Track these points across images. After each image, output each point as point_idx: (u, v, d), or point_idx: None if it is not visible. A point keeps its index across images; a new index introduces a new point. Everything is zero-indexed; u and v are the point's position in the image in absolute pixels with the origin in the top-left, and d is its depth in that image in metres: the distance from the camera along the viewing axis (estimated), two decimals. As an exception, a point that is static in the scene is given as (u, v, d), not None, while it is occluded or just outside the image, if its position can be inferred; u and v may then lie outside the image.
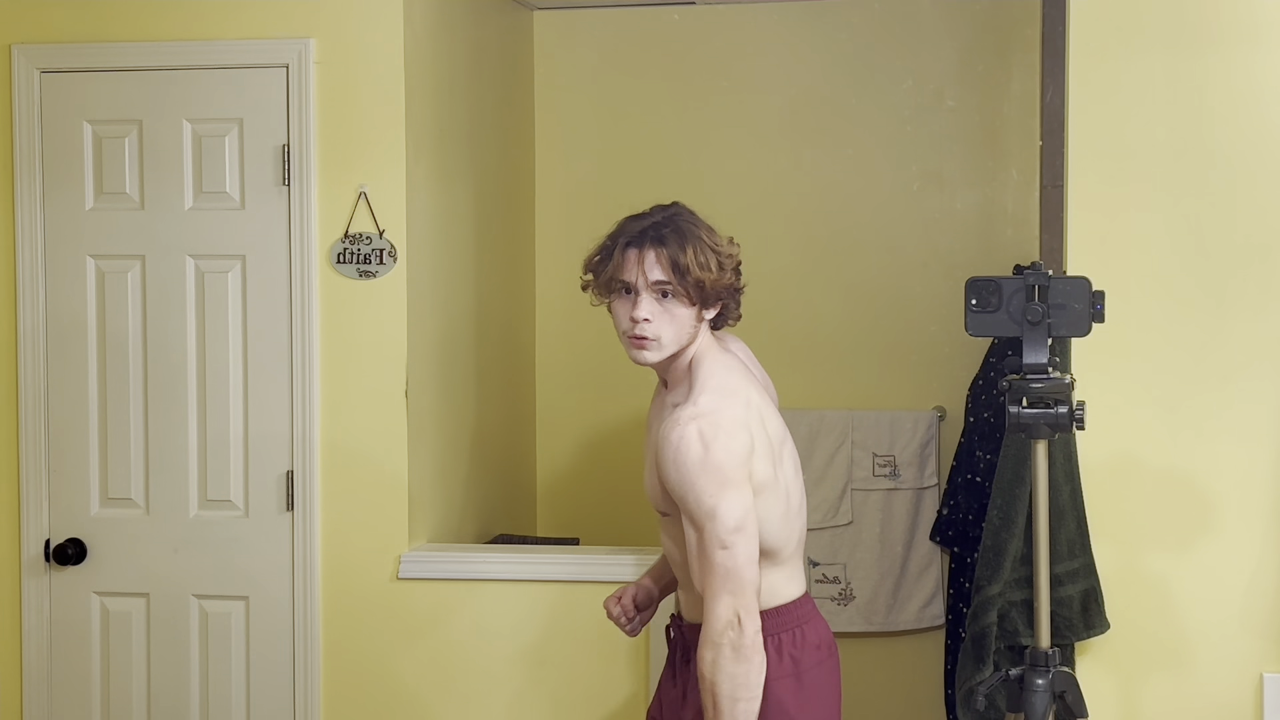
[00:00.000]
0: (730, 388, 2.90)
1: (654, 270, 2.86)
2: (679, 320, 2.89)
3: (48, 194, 3.96)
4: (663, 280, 2.86)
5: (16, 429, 3.99)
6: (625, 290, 2.90)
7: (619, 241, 2.91)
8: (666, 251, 2.86)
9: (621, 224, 2.95)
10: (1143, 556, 3.58)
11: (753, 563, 2.81)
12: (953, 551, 4.70)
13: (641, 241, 2.88)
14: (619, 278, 2.89)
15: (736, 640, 2.77)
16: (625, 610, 3.24)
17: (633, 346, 2.90)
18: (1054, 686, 3.10)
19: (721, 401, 2.86)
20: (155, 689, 3.99)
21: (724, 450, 2.80)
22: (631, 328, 2.88)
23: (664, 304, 2.88)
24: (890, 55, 4.86)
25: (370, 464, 3.89)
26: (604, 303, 2.98)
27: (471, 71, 4.41)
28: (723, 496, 2.78)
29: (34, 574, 4.00)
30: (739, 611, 2.78)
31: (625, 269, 2.88)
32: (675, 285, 2.86)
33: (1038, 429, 3.05)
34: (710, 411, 2.83)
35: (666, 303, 2.88)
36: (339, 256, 3.87)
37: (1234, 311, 3.53)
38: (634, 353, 2.91)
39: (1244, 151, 3.52)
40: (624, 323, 2.90)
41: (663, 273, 2.86)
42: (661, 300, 2.88)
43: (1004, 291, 3.07)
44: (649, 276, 2.86)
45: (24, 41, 3.95)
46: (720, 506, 2.78)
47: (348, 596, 3.91)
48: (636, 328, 2.88)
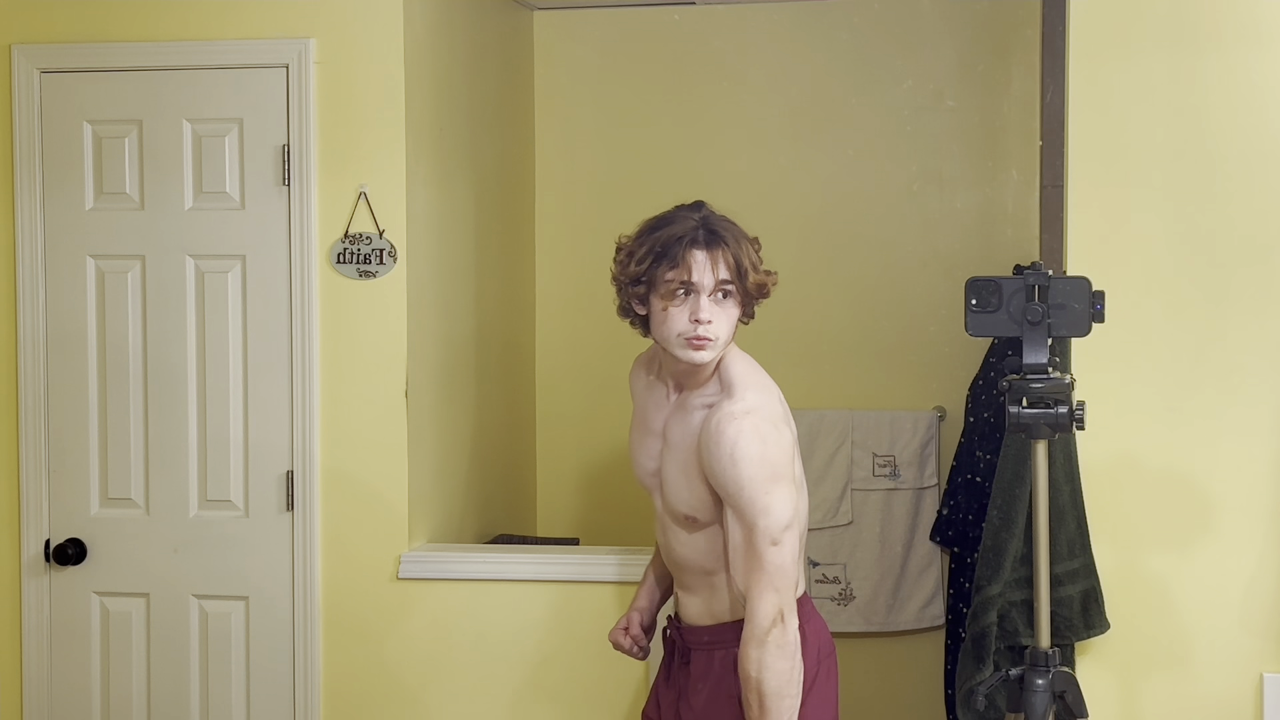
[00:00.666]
0: (767, 384, 2.94)
1: (719, 270, 2.86)
2: (732, 320, 2.92)
3: (48, 194, 3.96)
4: (726, 280, 2.87)
5: (16, 429, 3.99)
6: (685, 292, 2.87)
7: (679, 242, 2.86)
8: (731, 251, 2.87)
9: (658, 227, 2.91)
10: (1143, 556, 3.58)
11: (796, 561, 2.85)
12: (953, 551, 4.70)
13: (707, 242, 2.87)
14: (683, 279, 2.86)
15: (780, 638, 2.79)
16: (636, 639, 3.26)
17: (690, 347, 2.88)
18: (1054, 686, 3.10)
19: (765, 398, 2.90)
20: (155, 689, 3.99)
21: (777, 446, 2.83)
22: (693, 329, 2.87)
23: (722, 304, 2.89)
24: (890, 55, 4.86)
25: (370, 464, 3.89)
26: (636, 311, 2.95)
27: (471, 71, 4.41)
28: (776, 493, 2.80)
29: (34, 574, 4.00)
30: (783, 609, 2.80)
31: (690, 269, 2.85)
32: (736, 285, 2.88)
33: (1038, 429, 3.05)
34: (759, 407, 2.85)
35: (725, 303, 2.89)
36: (339, 256, 3.87)
37: (1234, 311, 3.53)
38: (691, 354, 2.88)
39: (1244, 152, 3.52)
40: (681, 324, 2.87)
41: (727, 272, 2.87)
42: (720, 301, 2.89)
43: (1004, 291, 3.07)
44: (716, 276, 2.86)
45: (24, 41, 3.95)
46: (774, 503, 2.80)
47: (348, 596, 3.91)
48: (699, 328, 2.86)
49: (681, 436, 2.95)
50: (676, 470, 2.96)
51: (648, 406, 3.09)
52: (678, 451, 2.95)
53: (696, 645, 3.02)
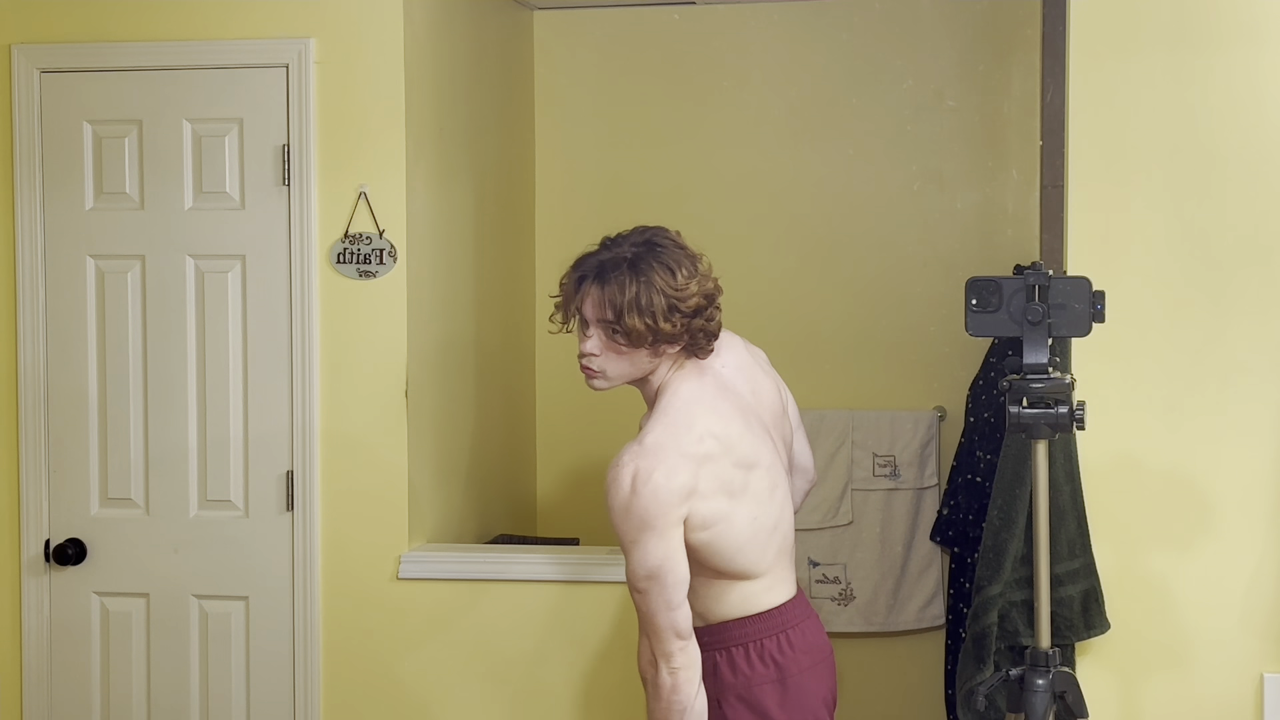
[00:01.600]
0: (684, 422, 2.85)
1: (595, 308, 2.86)
2: (627, 356, 2.87)
3: (48, 194, 3.96)
4: (606, 319, 2.85)
5: (16, 429, 3.99)
6: (581, 321, 2.90)
7: (576, 272, 2.89)
8: (606, 292, 2.82)
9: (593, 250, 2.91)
10: (1143, 557, 3.58)
11: (670, 608, 2.80)
12: (953, 552, 4.70)
13: (590, 277, 2.85)
14: (574, 307, 2.91)
15: (653, 679, 2.87)
16: None
17: (585, 374, 2.94)
18: (1054, 687, 3.10)
19: (669, 438, 2.82)
20: (155, 689, 3.99)
21: (651, 495, 2.76)
22: (580, 358, 2.92)
23: (612, 338, 2.86)
24: (890, 55, 4.86)
25: (370, 464, 3.89)
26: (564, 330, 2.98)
27: (471, 71, 4.40)
28: (639, 542, 2.79)
29: (34, 574, 4.00)
30: (655, 653, 2.86)
31: (578, 300, 2.89)
32: (615, 326, 2.84)
33: (1038, 429, 3.05)
34: (653, 450, 2.80)
35: (614, 339, 2.86)
36: (339, 256, 3.87)
37: (1234, 311, 3.53)
38: (586, 380, 2.95)
39: (1244, 151, 3.52)
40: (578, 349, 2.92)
41: (601, 312, 2.85)
42: (611, 335, 2.85)
43: (1004, 291, 3.07)
44: (593, 314, 2.87)
45: (24, 41, 3.95)
46: (634, 553, 2.80)
47: (348, 596, 3.91)
48: (583, 359, 2.91)
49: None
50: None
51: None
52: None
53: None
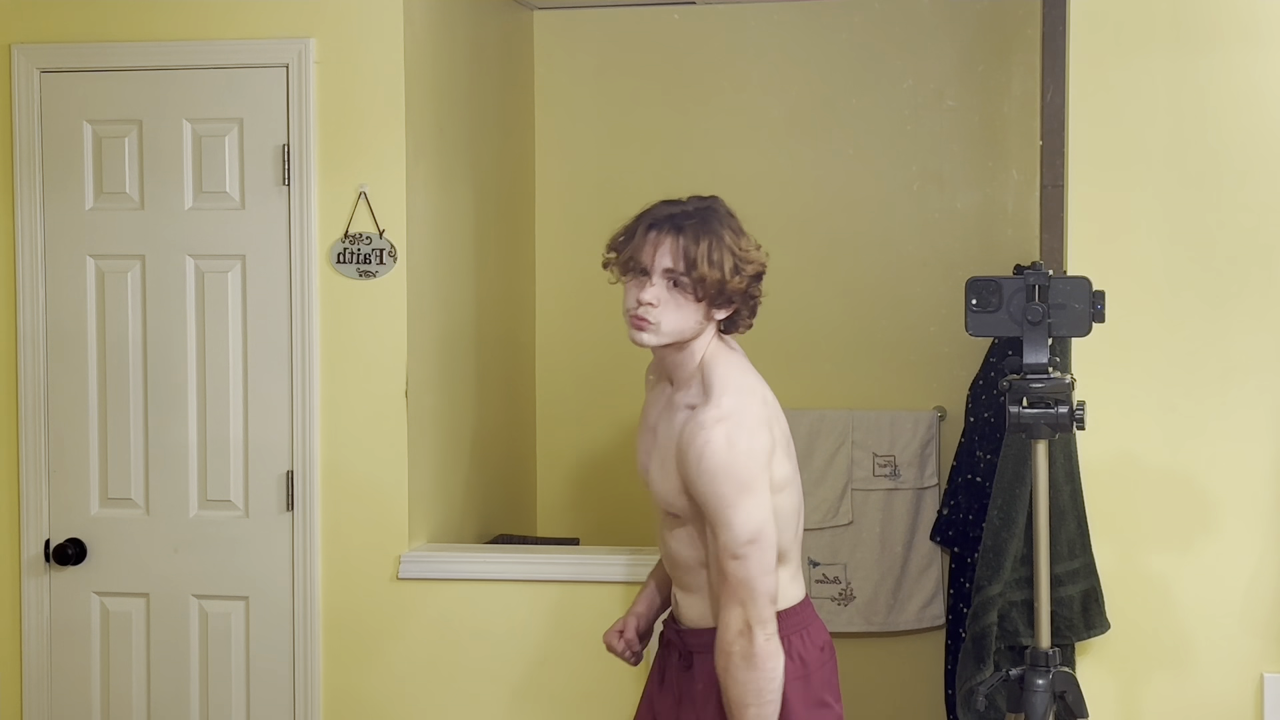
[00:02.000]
0: (748, 386, 2.92)
1: (665, 257, 2.87)
2: (684, 312, 2.89)
3: (48, 194, 3.96)
4: (671, 269, 2.87)
5: (16, 429, 3.99)
6: (640, 272, 2.90)
7: (642, 223, 2.92)
8: (681, 241, 2.86)
9: (653, 206, 2.97)
10: (1143, 556, 3.58)
11: (767, 572, 2.81)
12: (953, 551, 4.70)
13: (662, 226, 2.89)
14: (635, 258, 2.90)
15: (746, 649, 2.78)
16: (630, 644, 3.24)
17: (632, 326, 2.91)
18: (1054, 686, 3.10)
19: (743, 401, 2.87)
20: (155, 689, 3.99)
21: (747, 454, 2.80)
22: (635, 308, 2.89)
23: (672, 293, 2.88)
24: (890, 55, 4.86)
25: (370, 464, 3.89)
26: (620, 281, 2.99)
27: (471, 71, 4.41)
28: (740, 506, 2.78)
29: (34, 574, 4.00)
30: (749, 620, 2.79)
31: (642, 250, 2.89)
32: (686, 278, 2.86)
33: (1038, 429, 3.05)
34: (734, 413, 2.83)
35: (675, 292, 2.88)
36: (339, 256, 3.87)
37: (1234, 311, 3.53)
38: (632, 333, 2.92)
39: (1244, 152, 3.52)
40: (629, 302, 2.91)
41: (673, 261, 2.87)
42: (670, 289, 2.88)
43: (1004, 291, 3.07)
44: (660, 263, 2.87)
45: (24, 41, 3.95)
46: (736, 518, 2.78)
47: (348, 596, 3.91)
48: (640, 308, 2.89)
49: (666, 434, 2.96)
50: (659, 466, 2.97)
51: (649, 402, 3.11)
52: (662, 448, 2.96)
53: (699, 649, 3.01)
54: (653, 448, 3.02)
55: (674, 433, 2.92)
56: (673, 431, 2.93)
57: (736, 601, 2.80)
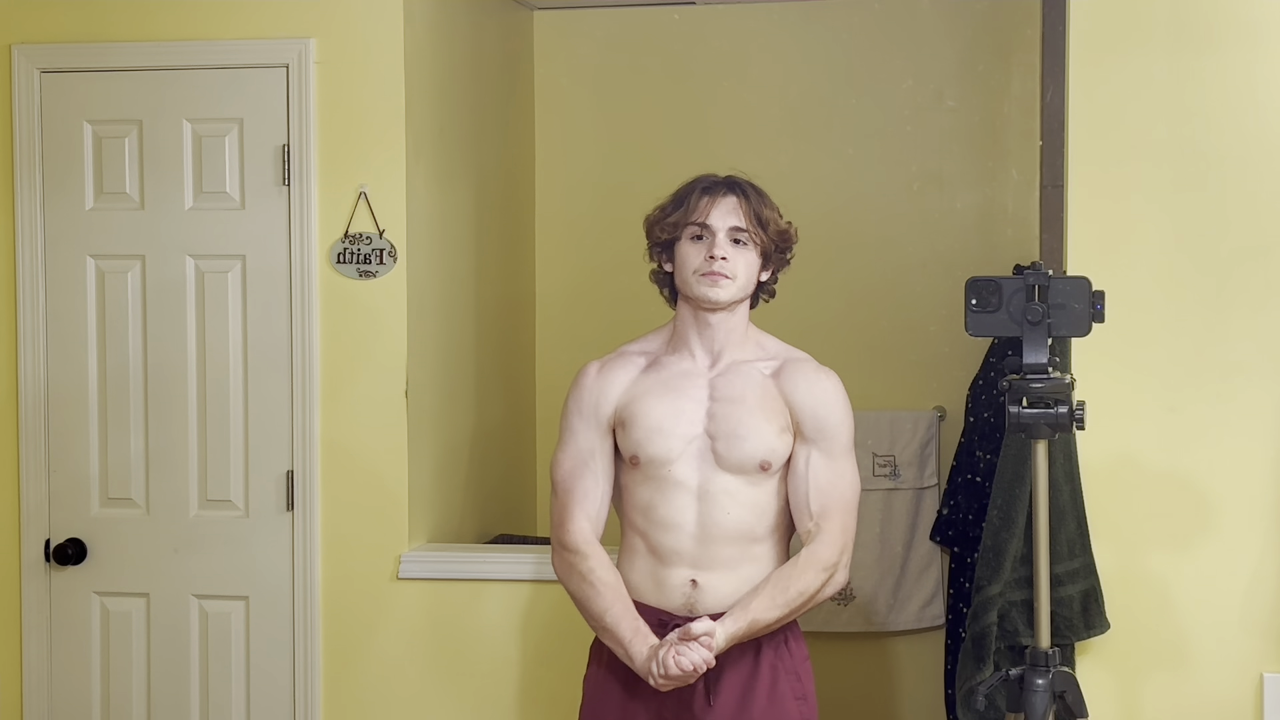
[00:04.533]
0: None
1: (730, 216, 2.98)
2: (751, 268, 3.00)
3: (48, 194, 3.96)
4: (739, 227, 2.97)
5: (16, 429, 3.99)
6: (697, 236, 2.98)
7: (694, 189, 3.01)
8: (748, 201, 2.98)
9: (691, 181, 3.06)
10: (1143, 556, 3.58)
11: None
12: (953, 551, 4.70)
13: (717, 190, 2.99)
14: (695, 221, 2.97)
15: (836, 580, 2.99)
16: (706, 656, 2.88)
17: (704, 284, 2.96)
18: (1054, 686, 3.10)
19: None
20: (155, 689, 3.99)
21: None
22: (708, 264, 2.95)
23: (739, 250, 2.99)
24: (890, 55, 4.86)
25: (370, 464, 3.89)
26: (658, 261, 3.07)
27: (471, 71, 4.41)
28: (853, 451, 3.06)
29: (34, 574, 4.00)
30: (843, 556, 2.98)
31: (704, 212, 2.97)
32: (752, 233, 2.97)
33: (1038, 429, 3.04)
34: None
35: (741, 249, 2.98)
36: (339, 256, 3.87)
37: (1234, 311, 3.53)
38: (707, 290, 2.96)
39: (1244, 152, 3.52)
40: (696, 261, 2.98)
41: (740, 219, 2.97)
42: (736, 246, 2.98)
43: (1004, 291, 3.07)
44: (726, 221, 2.97)
45: (24, 41, 3.95)
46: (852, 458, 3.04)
47: (348, 596, 3.91)
48: (714, 264, 2.95)
49: (743, 390, 3.01)
50: (744, 419, 2.98)
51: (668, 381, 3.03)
52: (742, 403, 2.99)
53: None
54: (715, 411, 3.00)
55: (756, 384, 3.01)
56: (753, 384, 3.01)
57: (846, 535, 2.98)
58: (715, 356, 3.04)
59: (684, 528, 2.99)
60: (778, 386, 3.02)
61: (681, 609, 3.01)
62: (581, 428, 3.08)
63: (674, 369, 3.05)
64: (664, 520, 3.01)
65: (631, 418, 3.02)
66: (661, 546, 3.02)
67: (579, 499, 3.05)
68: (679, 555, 3.01)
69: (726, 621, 2.90)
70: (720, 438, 2.98)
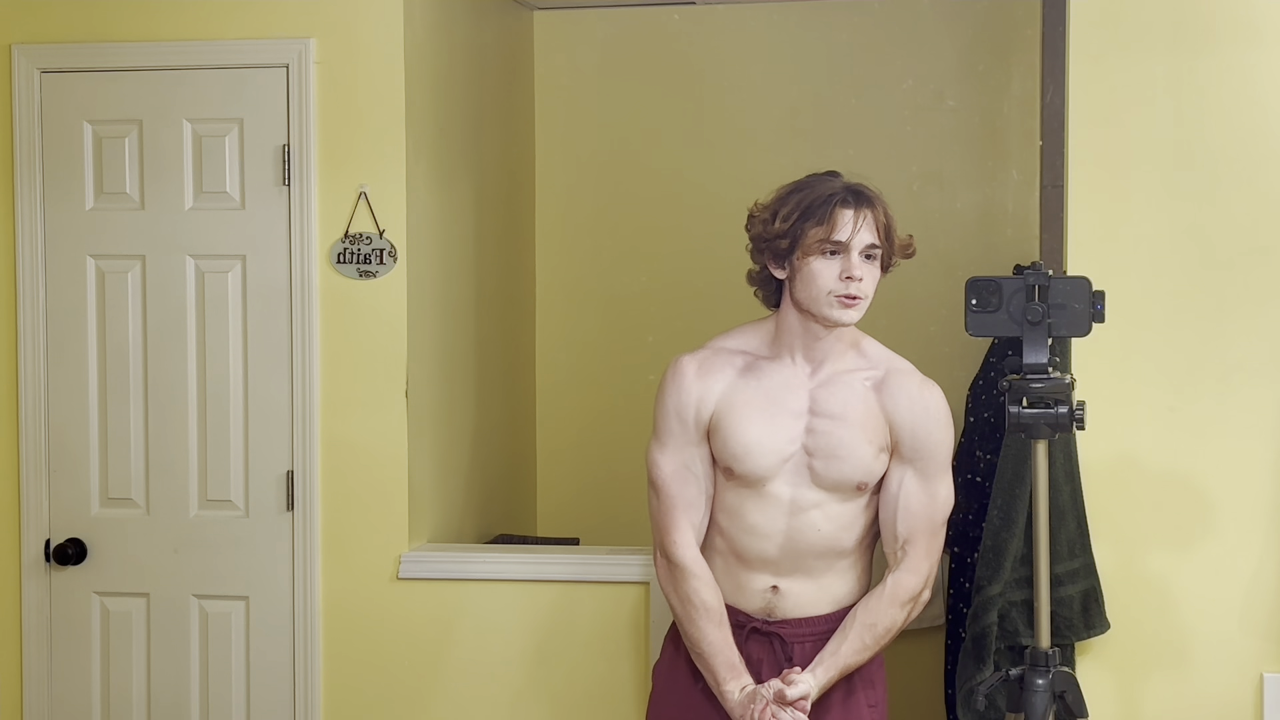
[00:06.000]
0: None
1: (867, 233, 2.85)
2: (875, 282, 2.91)
3: (48, 194, 3.96)
4: (873, 244, 2.86)
5: (16, 429, 3.99)
6: (832, 252, 2.85)
7: (827, 199, 2.84)
8: (880, 214, 2.86)
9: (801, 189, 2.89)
10: (1143, 556, 3.58)
11: None
12: (953, 551, 4.69)
13: (852, 202, 2.84)
14: (833, 238, 2.83)
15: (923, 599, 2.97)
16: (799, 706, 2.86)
17: (839, 306, 2.85)
18: (1054, 686, 3.10)
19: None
20: (155, 689, 3.99)
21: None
22: (844, 286, 2.84)
23: (869, 265, 2.88)
24: (890, 55, 4.86)
25: (370, 464, 3.89)
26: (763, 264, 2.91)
27: (471, 71, 4.40)
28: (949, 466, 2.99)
29: (34, 574, 4.00)
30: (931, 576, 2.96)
31: (840, 229, 2.83)
32: (883, 248, 2.87)
33: (1038, 429, 3.04)
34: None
35: (870, 265, 2.88)
36: (339, 256, 3.87)
37: (1234, 311, 3.53)
38: (840, 313, 2.86)
39: (1244, 152, 3.52)
40: (831, 282, 2.84)
41: (874, 235, 2.86)
42: (867, 263, 2.87)
43: (1004, 291, 3.07)
44: (862, 239, 2.84)
45: (24, 41, 3.95)
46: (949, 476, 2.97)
47: (348, 596, 3.91)
48: (851, 286, 2.84)
49: (845, 406, 2.91)
50: (845, 440, 2.90)
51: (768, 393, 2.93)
52: (843, 421, 2.91)
53: (807, 638, 2.96)
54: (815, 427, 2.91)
55: (858, 400, 2.93)
56: (854, 400, 2.92)
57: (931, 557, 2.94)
58: (818, 364, 2.95)
59: (772, 538, 2.95)
60: (879, 401, 2.94)
61: (760, 612, 3.00)
62: (681, 430, 2.95)
63: (775, 378, 2.95)
64: (752, 528, 2.95)
65: (729, 428, 2.92)
66: (746, 551, 2.97)
67: (684, 508, 2.95)
68: (763, 562, 2.97)
69: (818, 672, 2.88)
70: (819, 455, 2.91)
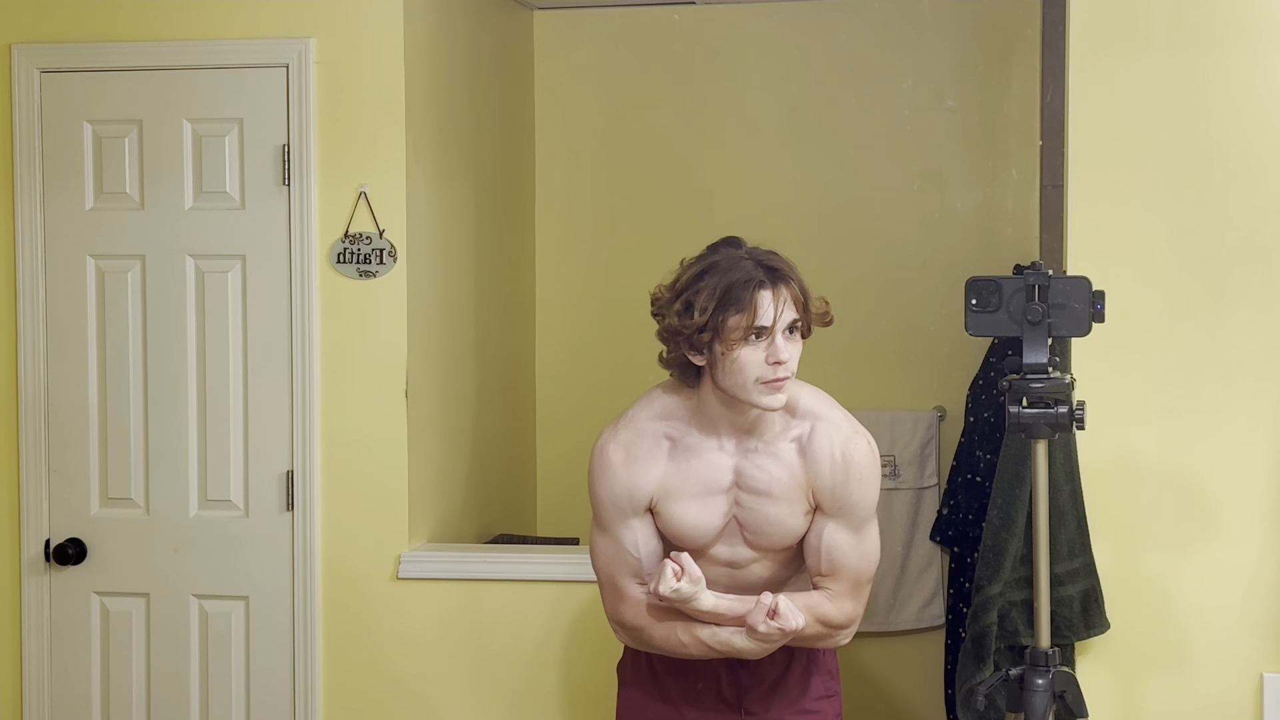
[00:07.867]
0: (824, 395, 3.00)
1: (788, 310, 2.78)
2: (798, 355, 2.84)
3: (48, 194, 3.96)
4: (794, 320, 2.79)
5: (16, 429, 3.99)
6: (756, 336, 2.76)
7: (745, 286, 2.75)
8: (796, 288, 2.79)
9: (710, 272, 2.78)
10: (1143, 556, 3.58)
11: None
12: (953, 551, 4.70)
13: (766, 282, 2.76)
14: (756, 324, 2.75)
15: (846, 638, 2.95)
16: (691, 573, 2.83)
17: (766, 393, 2.77)
18: (1054, 686, 3.10)
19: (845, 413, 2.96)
20: (155, 689, 3.99)
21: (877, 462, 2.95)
22: (771, 371, 2.76)
23: (791, 340, 2.81)
24: (890, 55, 4.86)
25: (370, 464, 3.89)
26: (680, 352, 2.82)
27: (471, 71, 4.41)
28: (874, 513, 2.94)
29: (34, 574, 4.00)
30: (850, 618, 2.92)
31: (761, 314, 2.75)
32: (803, 320, 2.82)
33: (1038, 429, 3.05)
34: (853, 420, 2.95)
35: (793, 339, 2.81)
36: (339, 256, 3.87)
37: (1234, 311, 3.53)
38: (768, 399, 2.78)
39: (1244, 151, 3.52)
40: (758, 369, 2.76)
41: (794, 311, 2.79)
42: (789, 337, 2.80)
43: (1004, 291, 3.07)
44: (785, 318, 2.77)
45: (24, 41, 3.95)
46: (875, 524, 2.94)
47: (348, 596, 3.91)
48: (779, 370, 2.77)
49: (770, 481, 2.86)
50: (772, 516, 2.88)
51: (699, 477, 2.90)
52: (769, 498, 2.87)
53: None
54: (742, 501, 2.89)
55: (785, 467, 2.86)
56: (782, 467, 2.86)
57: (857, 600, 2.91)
58: (743, 436, 2.89)
59: (717, 581, 2.95)
60: (803, 465, 2.87)
61: None
62: (617, 518, 2.93)
63: (703, 458, 2.90)
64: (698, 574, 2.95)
65: (667, 514, 2.91)
66: None
67: (629, 576, 2.94)
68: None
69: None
70: (749, 528, 2.90)
